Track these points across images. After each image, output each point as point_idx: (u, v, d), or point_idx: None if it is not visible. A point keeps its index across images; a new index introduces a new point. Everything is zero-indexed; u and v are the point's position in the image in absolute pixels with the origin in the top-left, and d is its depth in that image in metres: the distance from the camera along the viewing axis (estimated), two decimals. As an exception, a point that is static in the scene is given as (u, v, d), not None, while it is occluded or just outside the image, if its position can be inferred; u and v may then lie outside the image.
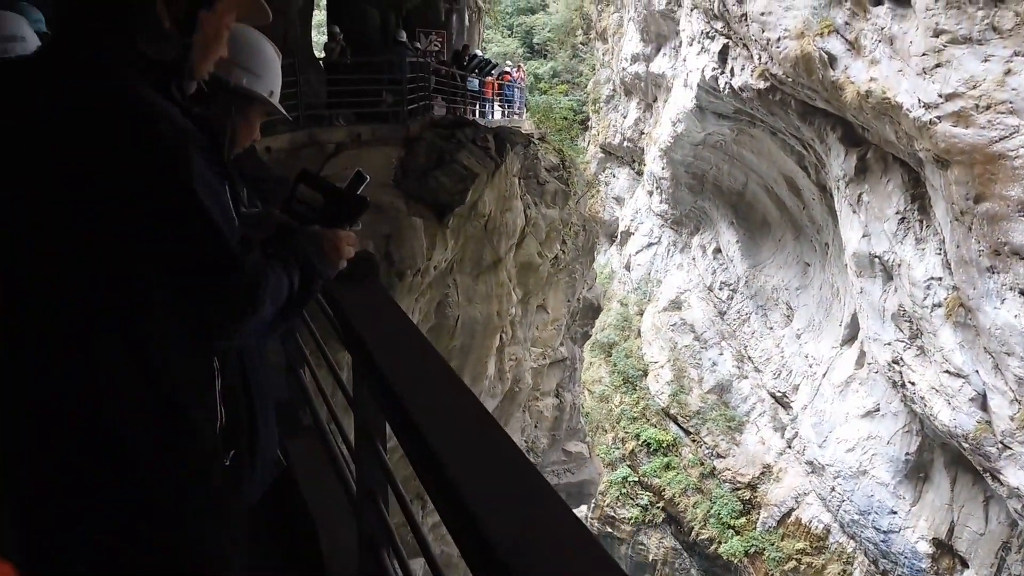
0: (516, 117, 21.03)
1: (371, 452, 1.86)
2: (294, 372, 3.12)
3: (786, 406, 24.67)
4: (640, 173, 32.55)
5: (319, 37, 19.28)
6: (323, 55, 13.30)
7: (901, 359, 17.43)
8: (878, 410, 20.05)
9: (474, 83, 16.51)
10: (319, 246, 1.57)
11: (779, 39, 17.76)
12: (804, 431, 22.83)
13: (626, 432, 27.93)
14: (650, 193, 31.02)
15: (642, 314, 30.91)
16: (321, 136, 9.94)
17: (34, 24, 5.84)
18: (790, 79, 18.00)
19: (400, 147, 10.51)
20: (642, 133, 32.27)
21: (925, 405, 16.69)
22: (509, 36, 40.49)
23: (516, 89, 21.86)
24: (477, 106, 17.22)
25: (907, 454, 19.14)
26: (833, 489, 21.23)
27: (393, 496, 1.83)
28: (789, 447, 24.08)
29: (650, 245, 31.80)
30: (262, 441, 1.52)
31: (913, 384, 17.06)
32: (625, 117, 33.65)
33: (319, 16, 22.46)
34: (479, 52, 18.13)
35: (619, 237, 33.72)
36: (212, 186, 1.27)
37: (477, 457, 1.31)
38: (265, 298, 1.31)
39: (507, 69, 22.58)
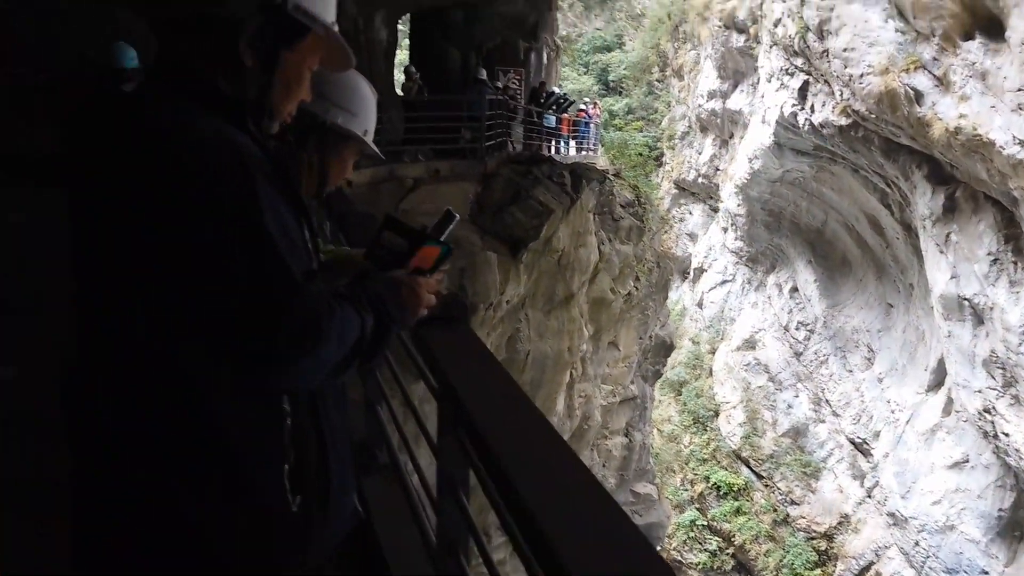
0: (591, 153, 21.08)
1: (454, 503, 1.81)
2: (372, 409, 3.11)
3: (866, 453, 23.63)
4: (714, 210, 32.14)
5: (399, 76, 19.86)
6: (401, 94, 13.67)
7: (993, 408, 16.51)
8: (967, 461, 18.98)
9: (551, 120, 16.65)
10: (396, 291, 1.50)
11: (862, 75, 17.39)
12: (886, 480, 21.80)
13: (695, 474, 27.22)
14: (724, 230, 30.59)
15: (714, 353, 30.26)
16: (400, 171, 10.15)
17: (129, 62, 6.21)
18: (873, 116, 17.55)
19: (477, 183, 10.64)
20: (717, 169, 31.90)
21: (1020, 458, 15.74)
22: (585, 73, 40.75)
23: (592, 125, 21.91)
24: (553, 142, 17.34)
25: (1000, 510, 18.03)
26: (917, 544, 20.13)
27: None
28: (869, 497, 23.02)
29: (724, 282, 31.21)
30: (335, 488, 1.44)
31: (1007, 435, 16.13)
32: (700, 153, 33.36)
33: (400, 55, 23.14)
34: (556, 89, 18.31)
35: (692, 274, 33.23)
36: (278, 213, 1.25)
37: (573, 514, 1.24)
38: (330, 335, 1.26)
39: (583, 106, 22.73)
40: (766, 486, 25.85)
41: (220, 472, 1.26)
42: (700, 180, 33.27)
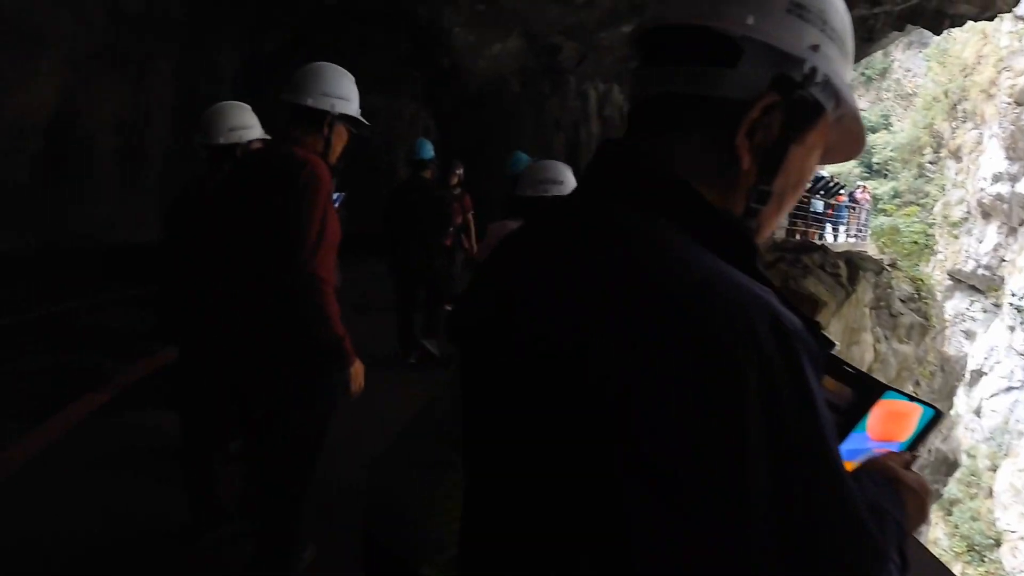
0: (859, 240, 19.77)
1: None
2: None
3: None
4: (998, 305, 28.78)
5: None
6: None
7: None
8: None
9: (818, 205, 15.83)
10: (901, 501, 0.86)
11: None
12: None
13: (971, 612, 23.58)
14: (1011, 329, 27.18)
15: (995, 470, 26.38)
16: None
17: (427, 153, 6.65)
18: None
19: (741, 271, 10.17)
20: (1002, 260, 28.70)
21: None
22: (845, 155, 38.86)
23: (863, 211, 20.70)
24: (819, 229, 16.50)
25: None
26: None
27: None
28: None
29: (1010, 389, 27.41)
30: None
31: None
32: (981, 242, 30.20)
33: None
34: (824, 173, 17.45)
35: (968, 377, 29.53)
36: (829, 417, 0.72)
37: None
38: None
39: (842, 190, 21.52)
40: (1066, 639, 21.72)
41: None
42: (980, 271, 30.08)
